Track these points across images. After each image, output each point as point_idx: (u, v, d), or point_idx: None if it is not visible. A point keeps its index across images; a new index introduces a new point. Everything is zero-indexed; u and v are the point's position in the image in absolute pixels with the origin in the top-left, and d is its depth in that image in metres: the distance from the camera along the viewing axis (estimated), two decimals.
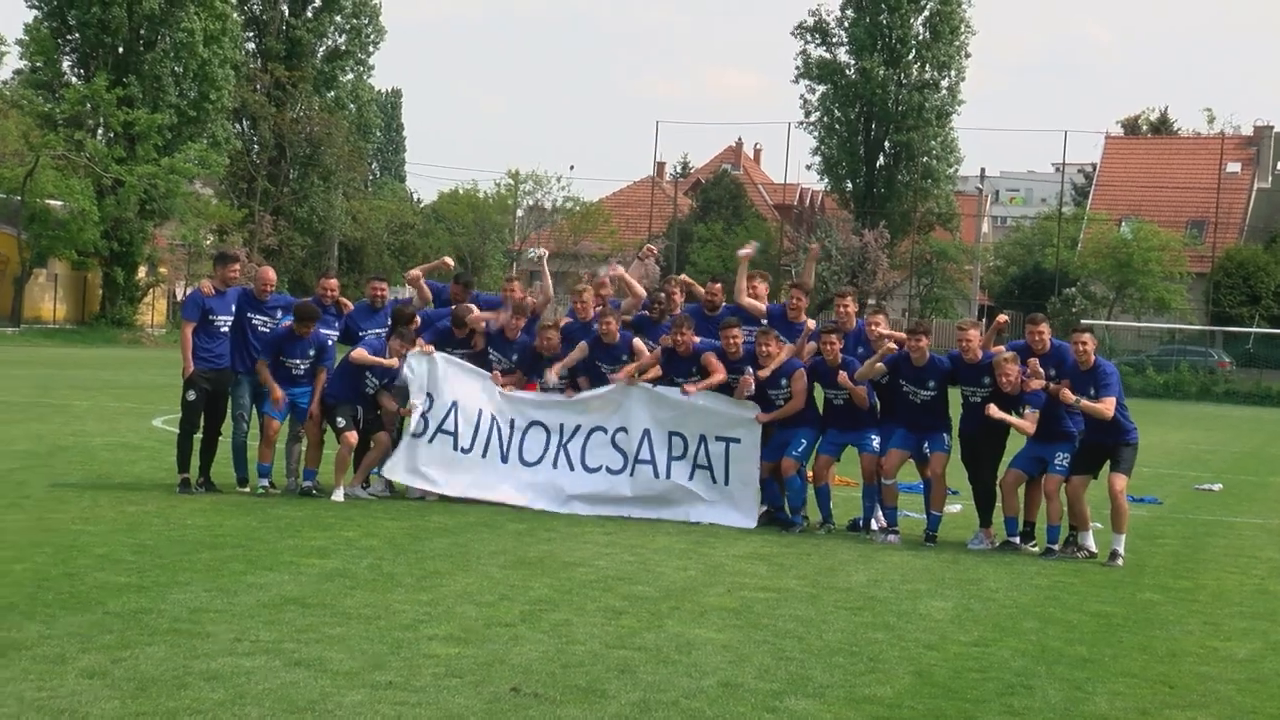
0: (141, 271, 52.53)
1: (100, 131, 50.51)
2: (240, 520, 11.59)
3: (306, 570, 9.52)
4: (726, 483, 12.79)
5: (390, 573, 9.60)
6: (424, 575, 9.57)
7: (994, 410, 11.81)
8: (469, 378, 13.39)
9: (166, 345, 46.61)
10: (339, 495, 13.09)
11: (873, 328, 12.75)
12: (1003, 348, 12.40)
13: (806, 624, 8.71)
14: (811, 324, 13.17)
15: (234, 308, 13.14)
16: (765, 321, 13.25)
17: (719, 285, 13.73)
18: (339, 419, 13.17)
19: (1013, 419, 11.89)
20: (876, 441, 12.45)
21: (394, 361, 13.27)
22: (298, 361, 13.14)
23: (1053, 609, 9.66)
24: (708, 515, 12.75)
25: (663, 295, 13.71)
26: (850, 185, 63.79)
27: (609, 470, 13.06)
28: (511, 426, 13.25)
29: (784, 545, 11.83)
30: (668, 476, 12.91)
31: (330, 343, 13.37)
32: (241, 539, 10.66)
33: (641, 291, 13.74)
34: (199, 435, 13.19)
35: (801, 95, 63.99)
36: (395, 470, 13.30)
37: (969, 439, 12.27)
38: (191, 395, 12.93)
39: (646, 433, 12.98)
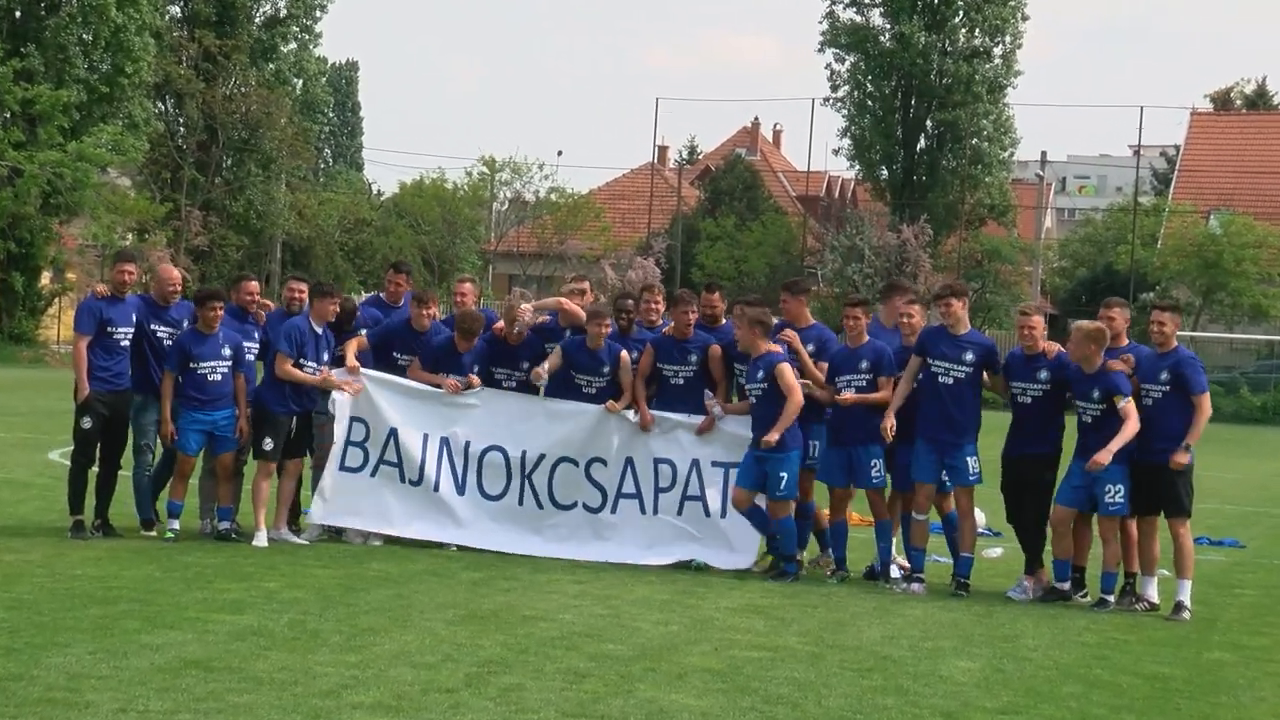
0: (45, 278, 52.63)
1: None
2: (140, 570, 11.60)
3: (214, 628, 9.55)
4: (722, 515, 12.86)
5: (315, 630, 9.64)
6: (355, 633, 9.61)
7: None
8: (407, 398, 13.42)
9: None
10: (261, 539, 13.11)
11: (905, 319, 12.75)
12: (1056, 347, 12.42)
13: (804, 688, 8.73)
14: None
15: (134, 317, 13.15)
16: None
17: (717, 295, 13.73)
18: (267, 440, 13.19)
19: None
20: (878, 469, 12.48)
21: (332, 379, 13.27)
22: (213, 365, 13.04)
23: (1100, 671, 9.68)
24: (698, 555, 12.80)
25: (630, 303, 13.76)
26: (886, 172, 63.82)
27: (586, 508, 13.12)
28: (465, 454, 13.31)
29: (785, 596, 11.86)
30: (655, 512, 12.97)
31: (248, 354, 13.37)
32: (139, 592, 10.67)
33: (576, 310, 13.67)
34: (95, 470, 13.21)
35: (828, 66, 64.09)
36: (329, 513, 13.31)
37: (1012, 463, 12.28)
38: (87, 422, 12.95)
39: (629, 462, 13.06)
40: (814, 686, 8.78)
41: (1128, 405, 11.68)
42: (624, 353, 13.24)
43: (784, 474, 12.38)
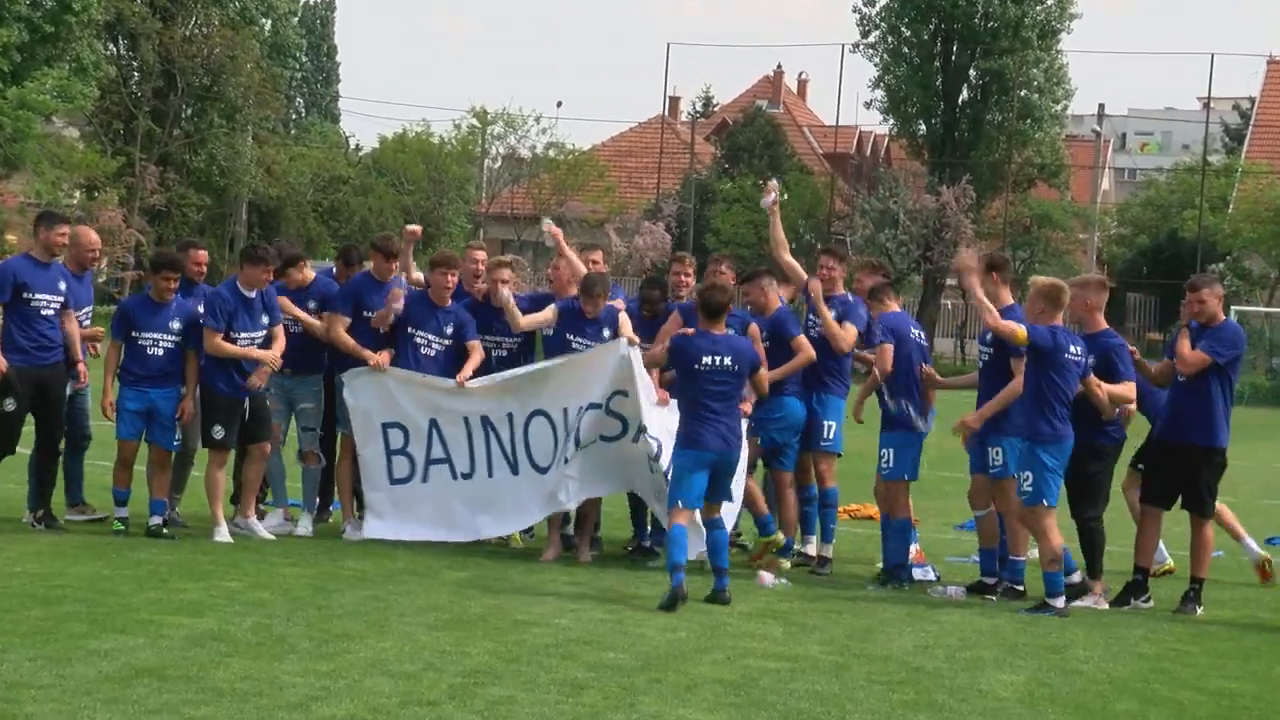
0: None
1: None
2: (86, 566, 11.64)
3: (170, 632, 9.59)
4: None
5: (281, 635, 9.69)
6: (326, 639, 9.65)
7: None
8: (431, 388, 13.49)
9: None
10: (222, 534, 13.17)
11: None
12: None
13: (826, 703, 8.76)
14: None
15: (62, 285, 13.20)
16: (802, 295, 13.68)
17: (726, 265, 13.94)
18: (216, 428, 13.23)
19: None
20: (889, 457, 12.67)
21: (265, 354, 13.26)
22: (156, 337, 13.09)
23: (1158, 685, 9.70)
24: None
25: (657, 292, 13.88)
26: (924, 127, 63.74)
27: (604, 439, 13.16)
28: (511, 427, 13.35)
29: (808, 600, 11.91)
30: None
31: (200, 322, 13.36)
32: (86, 591, 10.71)
33: (581, 269, 13.83)
34: (30, 455, 13.35)
35: (857, 8, 64.06)
36: (389, 528, 13.46)
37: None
38: (10, 404, 13.02)
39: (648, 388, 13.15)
40: (838, 701, 8.80)
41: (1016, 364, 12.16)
42: (622, 312, 13.30)
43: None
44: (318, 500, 14.42)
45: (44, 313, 13.07)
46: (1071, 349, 11.86)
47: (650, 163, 67.50)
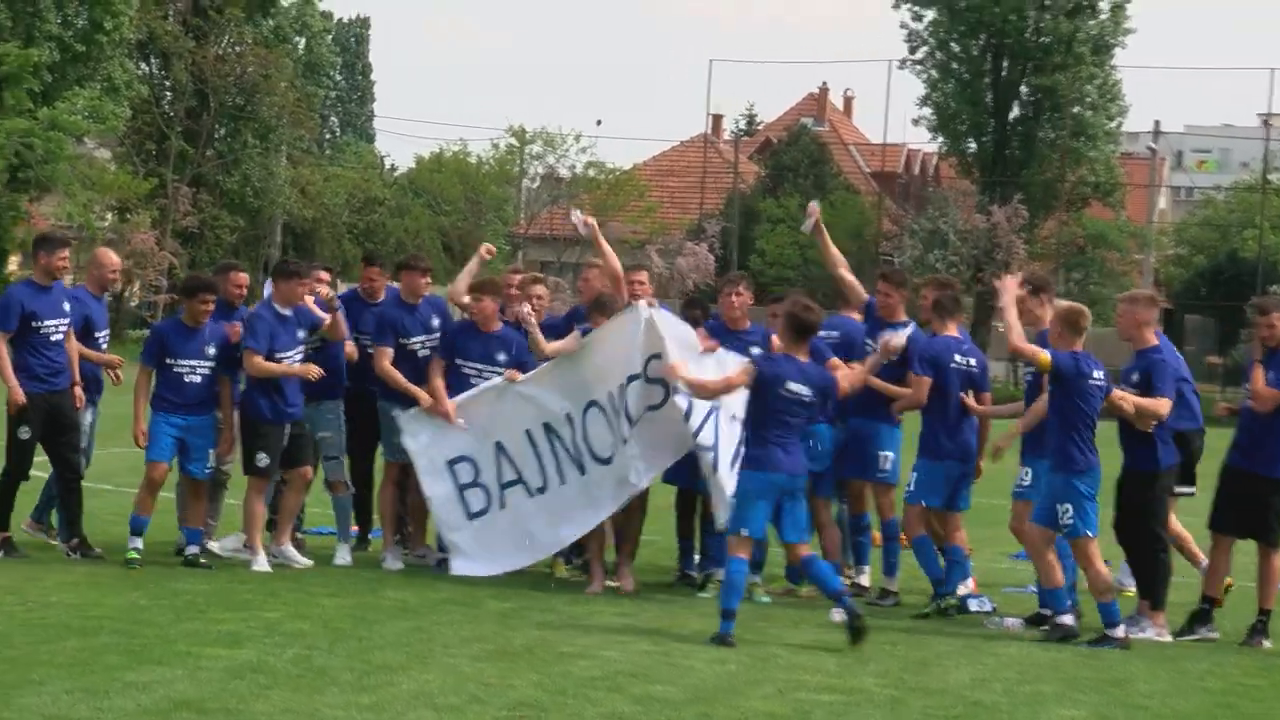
0: (13, 263, 53.00)
1: None
2: (123, 597, 11.69)
3: (208, 664, 9.61)
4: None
5: (322, 667, 9.70)
6: (368, 670, 9.66)
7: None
8: (485, 405, 13.45)
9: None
10: (261, 563, 13.22)
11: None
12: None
13: None
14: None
15: (67, 306, 13.32)
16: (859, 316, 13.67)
17: (744, 285, 13.90)
18: (260, 456, 13.27)
19: None
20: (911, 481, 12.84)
21: (309, 369, 13.32)
22: (193, 364, 13.16)
23: None
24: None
25: (699, 312, 13.98)
26: (974, 145, 63.67)
27: (650, 408, 13.11)
28: (571, 424, 13.30)
29: None
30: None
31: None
32: (122, 622, 10.75)
33: (617, 267, 13.89)
34: (64, 486, 13.45)
35: (904, 23, 64.05)
36: (481, 566, 13.41)
37: (1119, 480, 12.40)
38: (25, 433, 13.14)
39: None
40: None
41: None
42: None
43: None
44: (356, 529, 14.47)
45: (53, 338, 13.17)
46: (1094, 374, 11.83)
47: (693, 182, 67.50)
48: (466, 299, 14.00)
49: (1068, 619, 11.92)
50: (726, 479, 12.52)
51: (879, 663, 10.72)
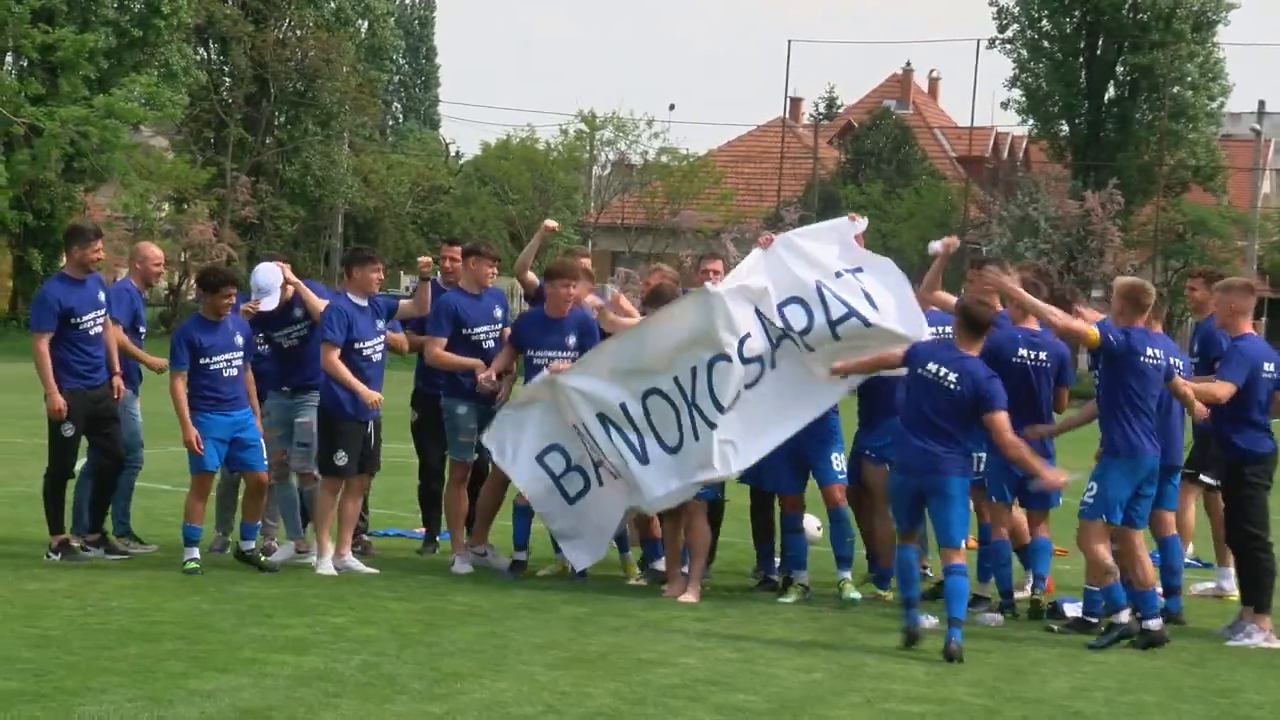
0: None
1: (9, 59, 51.45)
2: (184, 601, 11.77)
3: (274, 671, 9.66)
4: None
5: (391, 674, 9.73)
6: (438, 678, 9.69)
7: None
8: (547, 394, 13.36)
9: None
10: (326, 565, 13.28)
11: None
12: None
13: None
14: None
15: (102, 297, 13.45)
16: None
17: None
18: (340, 454, 13.34)
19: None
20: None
21: (475, 362, 13.48)
22: (229, 358, 13.16)
23: None
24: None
25: None
26: (1066, 128, 63.39)
27: (747, 386, 13.01)
28: (627, 414, 13.12)
29: None
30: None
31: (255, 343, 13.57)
32: (185, 628, 10.81)
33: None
34: (99, 478, 13.57)
35: (994, 1, 63.73)
36: (587, 550, 13.42)
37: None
38: (69, 430, 13.30)
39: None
40: None
41: None
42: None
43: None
44: (423, 530, 14.54)
45: (92, 332, 13.31)
46: (1149, 351, 11.71)
47: (770, 168, 67.44)
48: (530, 276, 14.12)
49: (1122, 615, 11.77)
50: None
51: (970, 670, 10.66)
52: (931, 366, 11.44)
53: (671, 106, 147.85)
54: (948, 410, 11.36)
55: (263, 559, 13.34)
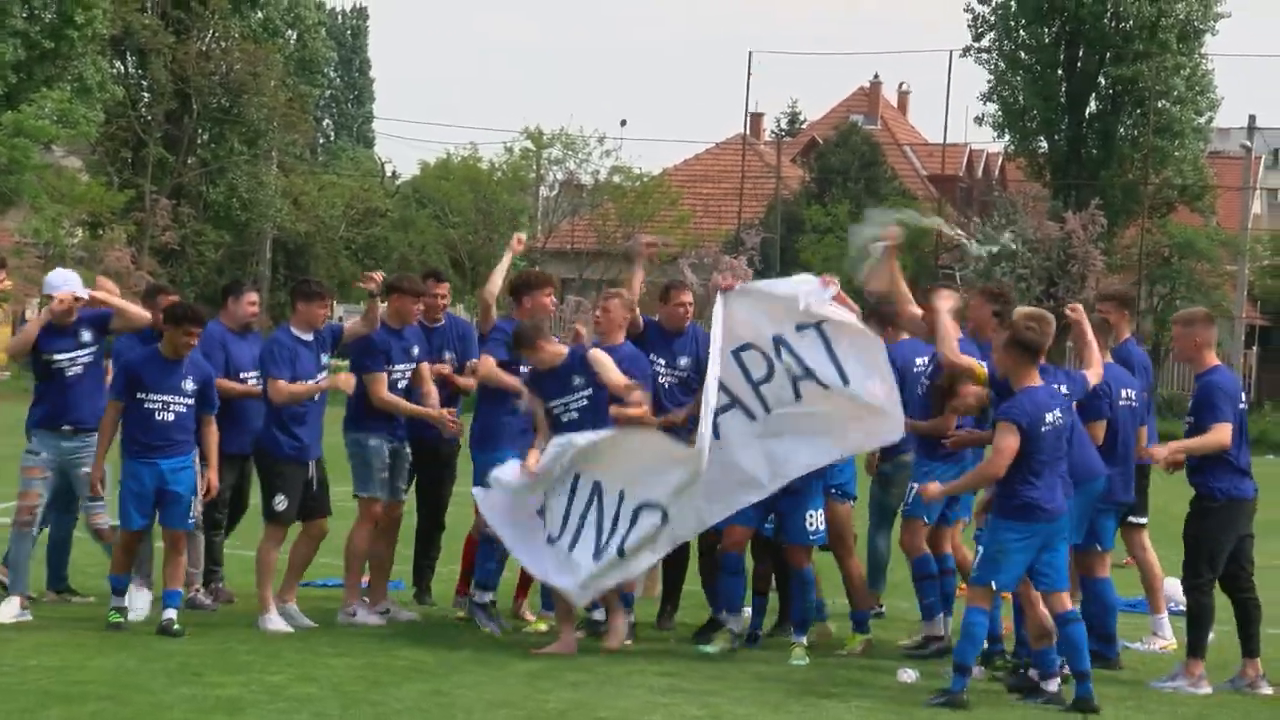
0: None
1: None
2: (110, 659, 11.69)
3: None
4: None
5: None
6: None
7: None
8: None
9: (12, 394, 47.09)
10: (274, 622, 13.21)
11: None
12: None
13: None
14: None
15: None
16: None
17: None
18: (278, 498, 13.30)
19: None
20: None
21: (337, 380, 13.42)
22: (167, 400, 13.05)
23: None
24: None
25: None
26: (1045, 144, 63.61)
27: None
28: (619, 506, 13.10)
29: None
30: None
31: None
32: (110, 687, 10.75)
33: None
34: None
35: (969, 7, 64.09)
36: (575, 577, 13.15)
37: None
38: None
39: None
40: None
41: None
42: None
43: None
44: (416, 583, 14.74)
45: (68, 373, 13.38)
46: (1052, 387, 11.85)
47: (730, 188, 67.58)
48: (495, 296, 14.27)
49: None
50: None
51: None
52: (1049, 417, 11.49)
53: (624, 122, 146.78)
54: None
55: (176, 628, 12.84)
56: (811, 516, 12.97)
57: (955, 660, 11.45)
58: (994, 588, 11.43)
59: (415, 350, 13.94)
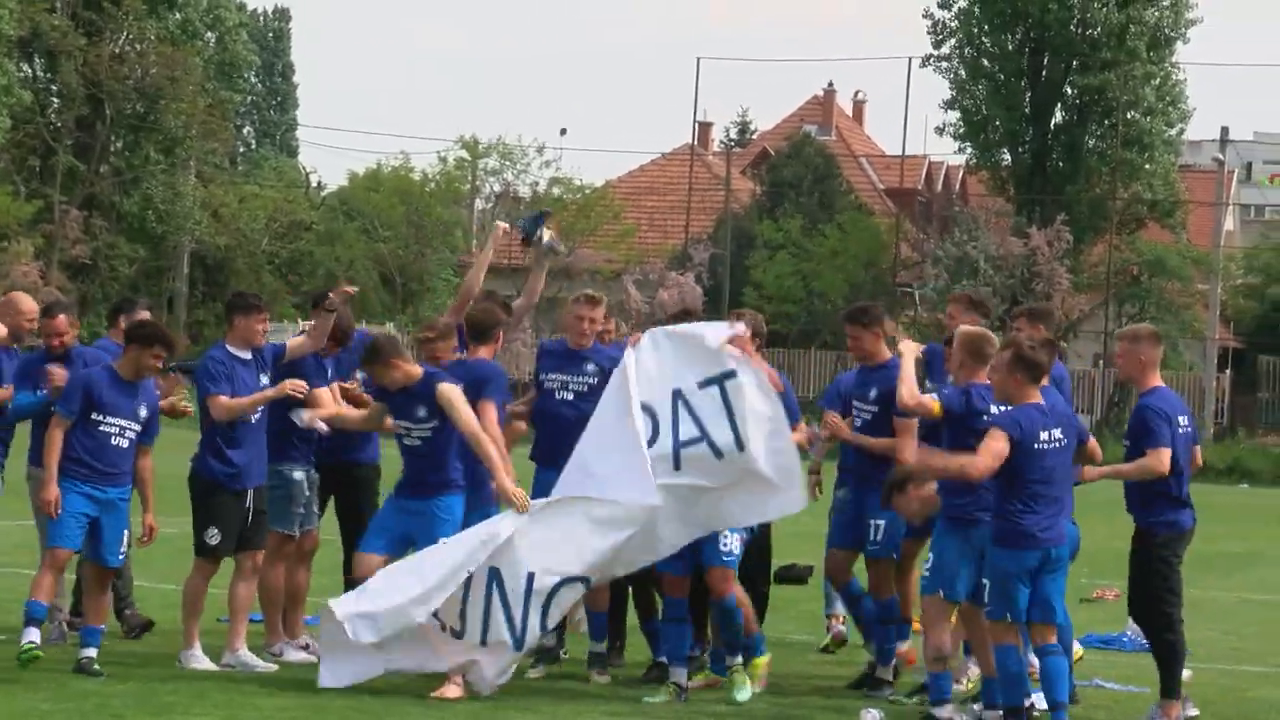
0: None
1: None
2: (19, 701, 11.55)
3: None
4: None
5: None
6: None
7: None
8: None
9: None
10: (197, 659, 13.04)
11: None
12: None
13: None
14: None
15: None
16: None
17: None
18: (210, 531, 13.15)
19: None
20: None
21: (285, 384, 13.19)
22: (122, 425, 12.90)
23: None
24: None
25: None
26: (1008, 157, 63.98)
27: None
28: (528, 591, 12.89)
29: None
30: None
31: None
32: None
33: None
34: None
35: (929, 13, 64.39)
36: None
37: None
38: None
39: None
40: None
41: None
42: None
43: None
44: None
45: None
46: (993, 410, 11.88)
47: (676, 201, 67.74)
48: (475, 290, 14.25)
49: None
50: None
51: None
52: (1044, 434, 11.48)
53: (564, 131, 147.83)
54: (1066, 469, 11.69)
55: (97, 667, 12.67)
56: (726, 537, 12.82)
57: (1005, 705, 11.40)
58: (1009, 620, 11.40)
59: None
